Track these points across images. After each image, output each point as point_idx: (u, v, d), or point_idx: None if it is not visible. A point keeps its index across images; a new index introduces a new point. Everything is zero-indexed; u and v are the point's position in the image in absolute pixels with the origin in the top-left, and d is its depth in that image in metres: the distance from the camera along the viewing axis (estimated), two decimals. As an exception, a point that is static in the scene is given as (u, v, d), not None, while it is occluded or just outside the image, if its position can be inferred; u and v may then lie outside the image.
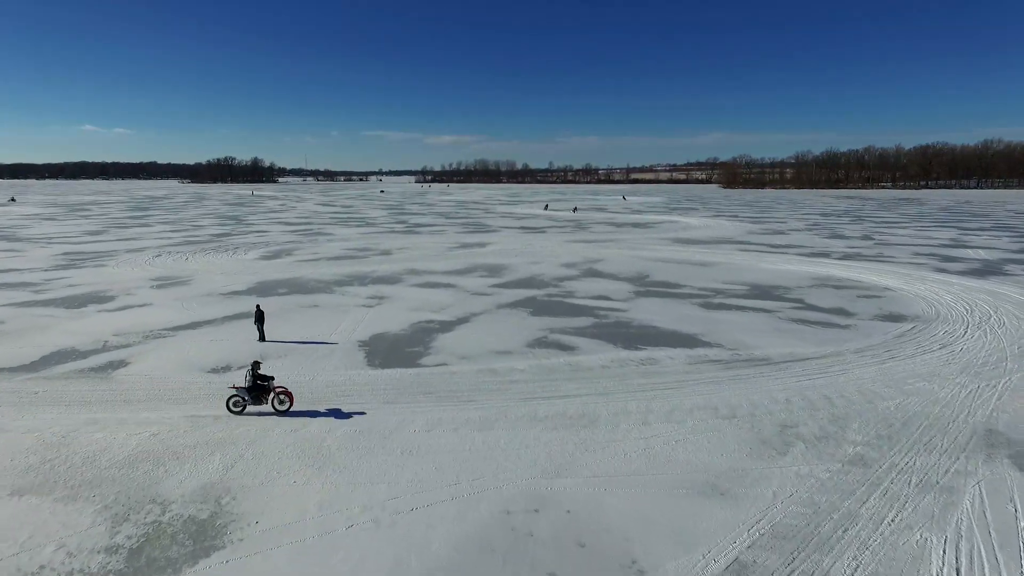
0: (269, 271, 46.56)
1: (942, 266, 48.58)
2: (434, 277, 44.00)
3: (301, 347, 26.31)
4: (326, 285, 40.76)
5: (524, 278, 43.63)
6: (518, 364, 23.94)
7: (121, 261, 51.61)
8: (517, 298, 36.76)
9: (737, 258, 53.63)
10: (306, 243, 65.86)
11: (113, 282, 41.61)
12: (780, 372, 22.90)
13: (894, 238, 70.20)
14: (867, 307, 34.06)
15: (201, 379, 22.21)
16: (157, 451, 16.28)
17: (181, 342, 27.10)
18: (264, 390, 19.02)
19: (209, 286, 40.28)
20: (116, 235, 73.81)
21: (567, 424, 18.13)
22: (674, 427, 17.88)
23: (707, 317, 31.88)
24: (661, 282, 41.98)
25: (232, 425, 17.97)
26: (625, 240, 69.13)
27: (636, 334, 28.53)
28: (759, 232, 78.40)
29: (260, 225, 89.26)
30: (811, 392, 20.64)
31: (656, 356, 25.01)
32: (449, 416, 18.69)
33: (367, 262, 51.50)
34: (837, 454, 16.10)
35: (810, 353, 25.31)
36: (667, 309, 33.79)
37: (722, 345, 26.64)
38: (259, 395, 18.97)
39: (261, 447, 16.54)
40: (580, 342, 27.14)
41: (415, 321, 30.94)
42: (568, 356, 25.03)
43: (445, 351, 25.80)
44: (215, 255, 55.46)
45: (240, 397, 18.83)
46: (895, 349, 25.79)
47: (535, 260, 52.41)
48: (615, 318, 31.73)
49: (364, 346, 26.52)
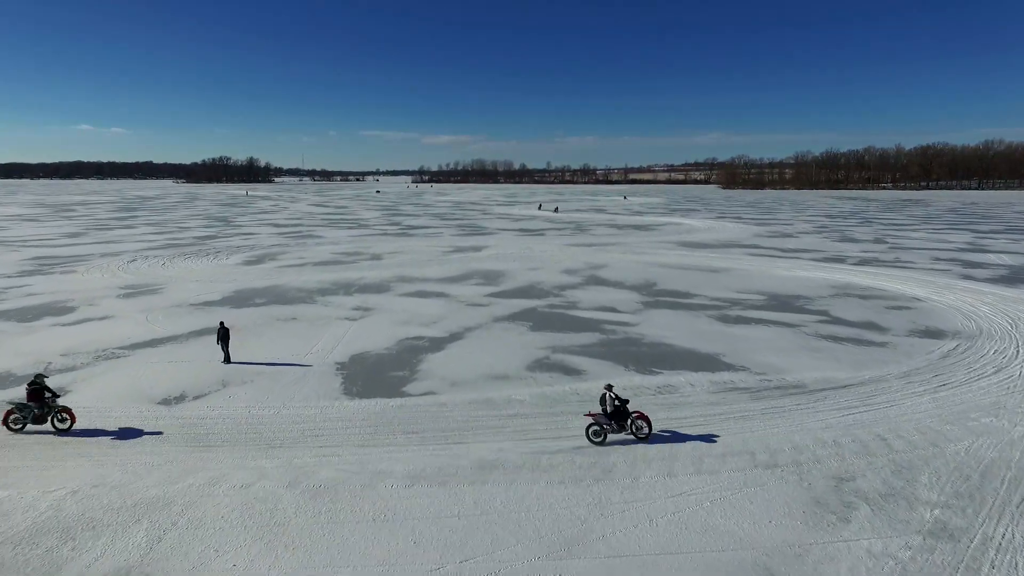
0: (249, 278, 43.38)
1: (967, 272, 45.59)
2: (426, 285, 40.87)
3: (270, 370, 23.17)
4: (308, 294, 37.60)
5: (523, 286, 40.52)
6: (517, 392, 20.84)
7: (93, 266, 48.36)
8: (515, 309, 33.65)
9: (748, 263, 50.58)
10: (293, 246, 62.65)
11: (77, 291, 38.39)
12: (818, 403, 19.83)
13: (908, 241, 67.25)
14: (899, 321, 31.03)
15: (148, 412, 19.05)
16: (70, 517, 13.13)
17: (135, 364, 23.94)
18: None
19: (181, 295, 37.08)
20: (95, 237, 70.51)
21: (577, 475, 15.03)
22: (706, 480, 14.79)
23: (726, 333, 28.82)
24: (670, 291, 38.90)
25: (171, 478, 14.82)
26: (627, 244, 66.06)
27: (649, 354, 25.45)
28: (766, 235, 75.40)
29: (248, 227, 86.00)
30: (860, 431, 17.57)
31: (674, 382, 21.92)
32: (435, 464, 15.57)
33: (355, 268, 48.33)
34: (913, 521, 13.02)
35: (848, 378, 22.24)
36: (680, 323, 30.71)
37: (747, 368, 23.57)
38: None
39: (200, 511, 13.39)
40: (587, 364, 24.05)
41: (402, 338, 27.81)
42: (574, 382, 21.94)
43: (434, 375, 22.69)
44: (194, 260, 52.25)
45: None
46: (944, 373, 22.73)
47: (534, 266, 49.31)
48: (624, 334, 28.65)
49: (342, 369, 23.38)
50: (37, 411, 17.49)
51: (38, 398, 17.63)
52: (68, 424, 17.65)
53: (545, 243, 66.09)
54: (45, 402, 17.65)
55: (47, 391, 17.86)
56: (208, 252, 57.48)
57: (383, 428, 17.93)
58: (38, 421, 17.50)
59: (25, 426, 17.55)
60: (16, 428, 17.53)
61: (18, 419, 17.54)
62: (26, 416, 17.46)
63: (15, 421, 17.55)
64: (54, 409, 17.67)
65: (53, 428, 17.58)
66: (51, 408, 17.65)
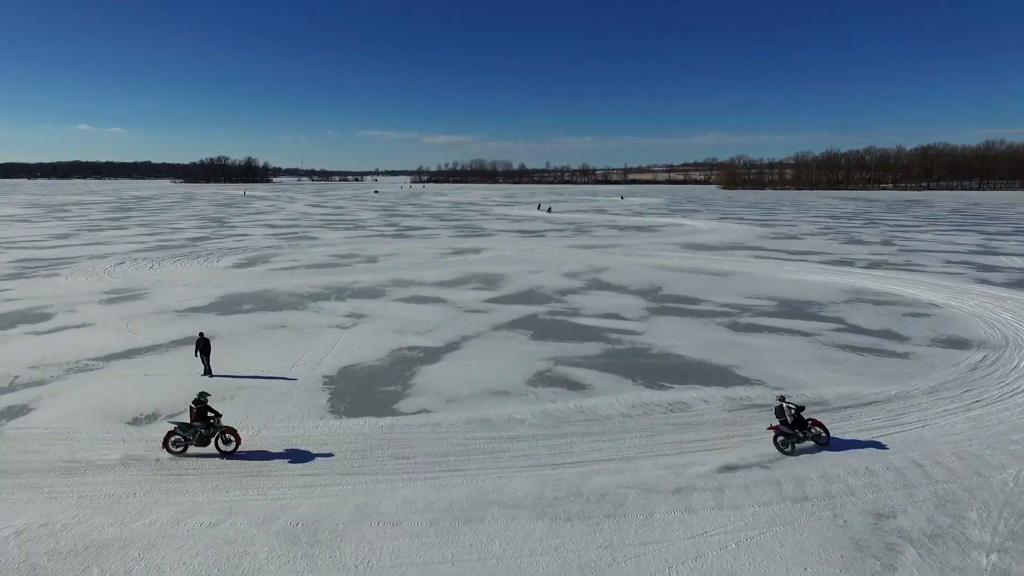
0: (239, 282, 41.79)
1: (983, 276, 44.08)
2: (422, 289, 39.31)
3: (253, 385, 21.60)
4: (299, 300, 36.02)
5: (523, 291, 38.97)
6: (518, 410, 19.28)
7: (78, 269, 46.76)
8: (515, 316, 32.10)
9: (755, 267, 49.05)
10: (287, 248, 61.06)
11: (58, 295, 36.81)
12: (844, 423, 18.29)
13: (916, 243, 65.77)
14: (919, 329, 29.51)
15: (115, 433, 17.49)
16: (10, 565, 11.57)
17: (108, 377, 22.36)
18: None
19: (165, 301, 35.50)
20: (85, 239, 68.89)
21: (584, 511, 13.49)
22: (729, 517, 13.25)
23: (737, 342, 27.28)
24: (677, 296, 37.35)
25: (132, 514, 13.26)
26: (629, 245, 64.51)
27: (657, 366, 23.91)
28: (771, 236, 73.88)
29: (242, 228, 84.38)
30: (894, 456, 16.03)
31: (686, 398, 20.37)
32: (426, 497, 14.02)
33: (349, 271, 46.76)
34: (968, 569, 11.49)
35: (873, 394, 20.71)
36: (689, 331, 29.17)
37: (763, 382, 22.02)
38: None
39: (160, 555, 11.84)
40: (592, 377, 22.50)
41: (395, 348, 26.26)
42: (579, 398, 20.39)
43: (428, 391, 21.13)
44: (184, 262, 50.64)
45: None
46: (975, 388, 21.19)
47: (534, 269, 47.75)
48: (630, 343, 27.11)
49: (329, 384, 21.81)
50: (204, 432, 16.15)
51: (204, 417, 16.28)
52: (233, 446, 16.25)
53: (545, 245, 64.55)
54: (210, 422, 16.29)
55: (209, 411, 16.52)
56: (199, 254, 55.88)
57: (371, 452, 16.37)
58: (202, 443, 16.17)
59: (187, 448, 16.16)
60: (177, 451, 16.11)
61: (179, 441, 16.17)
62: (189, 438, 16.12)
63: (176, 443, 16.16)
64: (219, 430, 16.29)
65: (217, 450, 16.17)
66: (216, 429, 16.28)
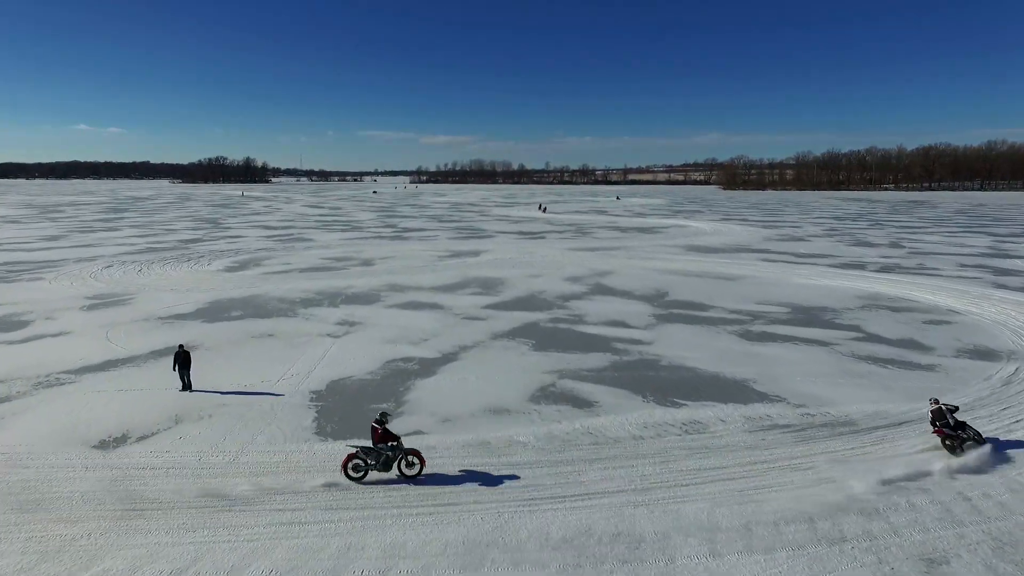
0: (228, 287, 40.23)
1: (999, 280, 42.56)
2: (419, 295, 37.76)
3: (235, 401, 20.04)
4: (290, 306, 34.45)
5: (523, 296, 37.41)
6: (520, 432, 17.73)
7: (63, 273, 45.19)
8: (516, 324, 30.55)
9: (763, 270, 47.51)
10: (280, 251, 59.49)
11: (38, 301, 35.24)
12: (877, 447, 16.76)
13: (926, 246, 64.26)
14: (942, 337, 27.98)
15: (78, 459, 15.92)
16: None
17: (80, 393, 20.80)
18: None
19: (150, 307, 33.93)
20: (74, 241, 67.32)
21: (597, 553, 11.94)
22: (760, 562, 11.70)
23: (752, 353, 25.74)
24: (684, 302, 35.81)
25: (82, 562, 11.69)
26: (632, 248, 62.97)
27: (668, 380, 22.36)
28: (776, 238, 72.37)
29: (237, 229, 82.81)
30: (935, 487, 14.47)
31: (702, 417, 18.83)
32: (417, 539, 12.46)
33: (344, 275, 45.19)
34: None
35: (903, 413, 19.17)
36: (699, 341, 27.64)
37: (783, 398, 20.48)
38: None
39: (109, 614, 10.29)
40: (599, 393, 20.95)
41: (388, 359, 24.70)
42: (586, 417, 18.84)
43: (422, 408, 19.58)
44: (174, 266, 49.06)
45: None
46: (1013, 405, 19.66)
47: (535, 272, 46.20)
48: (638, 354, 25.57)
49: (317, 400, 20.26)
50: (390, 454, 15.01)
51: (388, 439, 15.18)
52: (417, 469, 15.11)
53: (546, 247, 63.00)
54: (393, 444, 15.15)
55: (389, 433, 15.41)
56: (190, 257, 54.30)
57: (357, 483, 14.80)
58: (385, 467, 14.98)
59: (367, 473, 14.93)
60: (356, 476, 14.85)
61: (359, 466, 14.93)
62: (372, 462, 14.93)
63: (355, 468, 14.91)
64: (403, 452, 15.11)
65: (400, 474, 15.05)
66: (399, 451, 15.10)
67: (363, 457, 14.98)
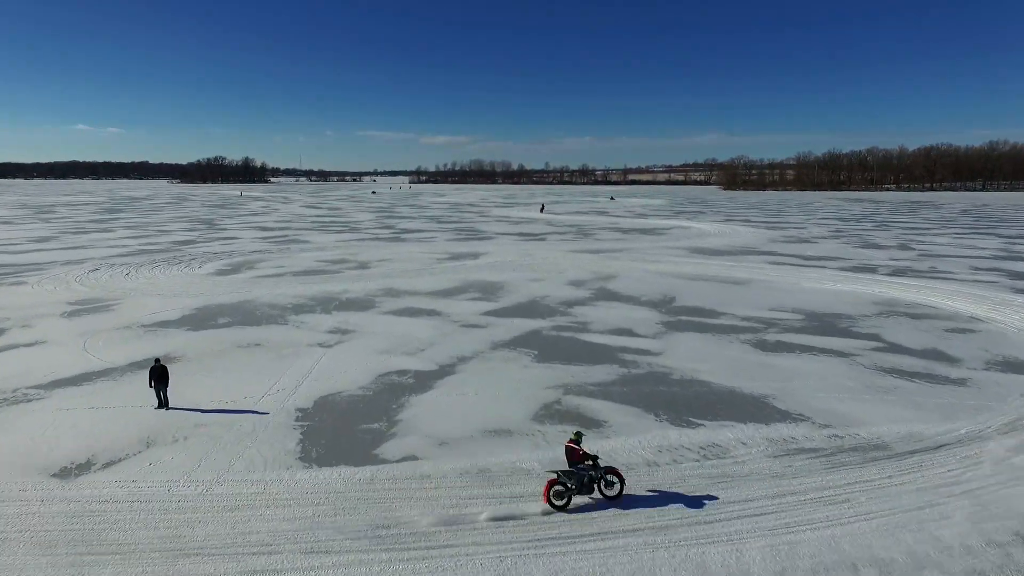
0: (218, 291, 38.67)
1: (1017, 285, 41.08)
2: (415, 300, 36.22)
3: (214, 421, 18.50)
4: (280, 313, 32.91)
5: (524, 302, 35.88)
6: (523, 457, 16.20)
7: (48, 276, 43.63)
8: (517, 332, 29.02)
9: (772, 274, 45.99)
10: (275, 253, 57.92)
11: (18, 307, 33.69)
12: (916, 475, 15.23)
13: (935, 248, 62.76)
14: (967, 347, 26.48)
15: (33, 491, 14.36)
16: None
17: (47, 411, 19.25)
18: None
19: (134, 314, 32.38)
20: (64, 242, 65.75)
21: (612, 611, 10.41)
22: (801, 622, 10.17)
23: (768, 364, 24.23)
24: (693, 308, 34.28)
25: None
26: (636, 250, 61.43)
27: (681, 395, 20.84)
28: (782, 240, 70.87)
29: (232, 230, 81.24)
30: (991, 525, 12.95)
31: (721, 440, 17.30)
32: (408, 591, 10.93)
33: (338, 279, 43.64)
34: None
35: (938, 434, 17.66)
36: (712, 351, 26.12)
37: (807, 417, 18.96)
38: None
39: None
40: (607, 411, 19.42)
41: (382, 372, 23.16)
42: (595, 439, 17.28)
43: (417, 429, 18.04)
44: (163, 269, 47.49)
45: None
46: (1058, 426, 18.13)
47: (536, 276, 44.67)
48: (647, 366, 24.05)
49: (303, 420, 18.72)
50: (592, 474, 13.79)
51: (585, 459, 13.99)
52: (618, 489, 13.97)
53: (547, 249, 61.46)
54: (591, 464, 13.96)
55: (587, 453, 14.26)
56: (181, 259, 52.73)
57: (343, 519, 13.27)
58: (586, 489, 13.78)
59: (570, 500, 13.66)
60: (561, 504, 13.56)
61: (561, 492, 13.64)
62: (572, 485, 13.66)
63: (558, 495, 13.61)
64: (601, 471, 13.94)
65: (602, 496, 13.93)
66: (599, 470, 13.93)
67: (564, 481, 13.67)
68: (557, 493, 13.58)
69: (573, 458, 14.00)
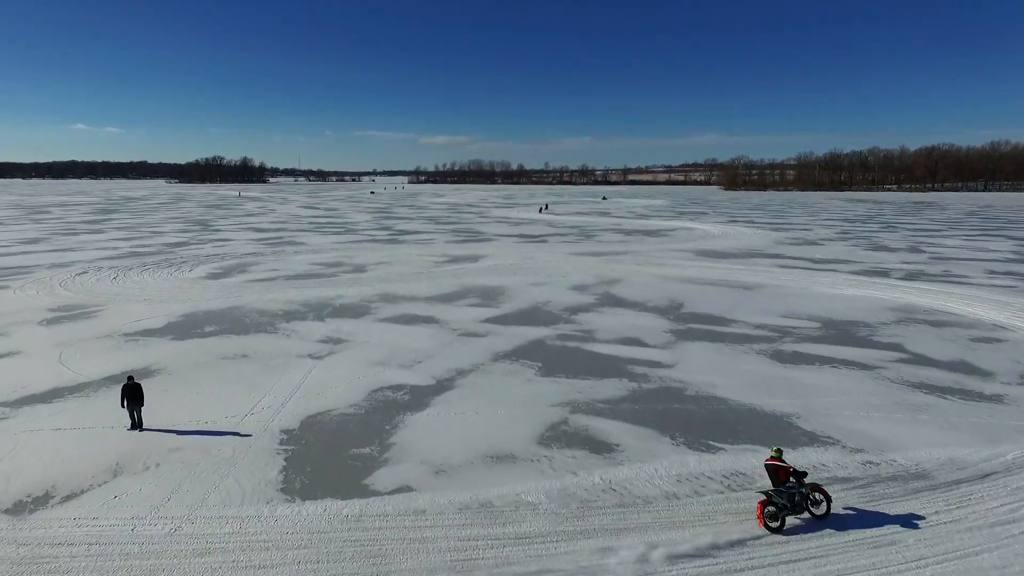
0: (207, 297, 37.13)
1: (1037, 290, 39.58)
2: (413, 306, 34.69)
3: (191, 444, 16.97)
4: (270, 320, 31.36)
5: (526, 308, 34.36)
6: (528, 488, 14.67)
7: (32, 280, 42.07)
8: (519, 342, 27.51)
9: (782, 278, 44.47)
10: (269, 256, 56.35)
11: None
12: (963, 510, 13.70)
13: (946, 250, 61.27)
14: (997, 359, 24.98)
15: (-19, 532, 12.83)
16: None
17: (8, 432, 17.70)
18: None
19: (117, 321, 30.84)
20: (53, 244, 64.16)
21: None
22: None
23: (787, 378, 22.71)
24: (702, 315, 32.76)
25: None
26: (640, 252, 59.91)
27: (698, 414, 19.33)
28: (788, 242, 69.37)
29: (227, 232, 79.66)
30: (1059, 573, 11.44)
31: (744, 467, 15.78)
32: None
33: (333, 283, 42.10)
34: None
35: (981, 460, 16.15)
36: (725, 362, 24.61)
37: (836, 440, 17.44)
38: None
39: None
40: (619, 433, 17.90)
41: (375, 387, 21.63)
42: (606, 466, 15.80)
43: (412, 455, 16.51)
44: (152, 273, 45.93)
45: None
46: (1111, 451, 16.62)
47: (538, 280, 43.14)
48: (658, 380, 22.53)
49: (288, 443, 17.18)
50: (804, 491, 13.03)
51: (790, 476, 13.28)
52: (825, 508, 13.23)
53: (548, 251, 59.92)
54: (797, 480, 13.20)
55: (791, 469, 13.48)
56: (172, 263, 51.15)
57: (324, 567, 11.74)
58: (797, 509, 13.00)
59: (784, 522, 12.89)
60: (776, 526, 12.82)
61: (775, 513, 12.88)
62: (786, 504, 12.89)
63: (772, 516, 12.89)
64: (808, 489, 13.19)
65: (810, 515, 13.18)
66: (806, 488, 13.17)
67: (776, 500, 12.84)
68: (771, 514, 12.80)
69: (780, 476, 13.18)
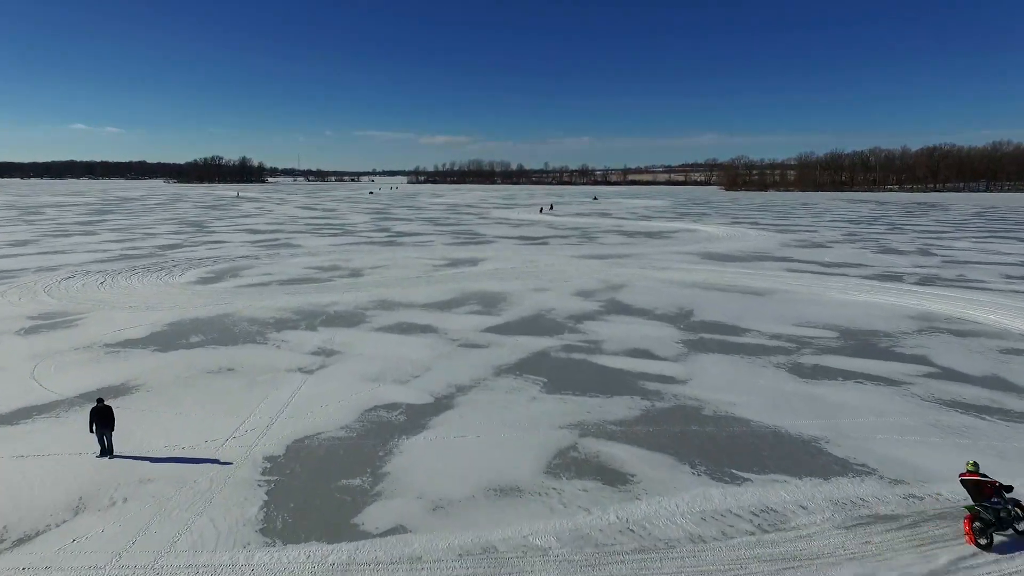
0: (195, 303, 35.59)
1: (1059, 296, 38.10)
2: (410, 314, 33.18)
3: (164, 473, 15.44)
4: (260, 329, 29.85)
5: (529, 316, 32.85)
6: (537, 528, 13.15)
7: (15, 286, 40.53)
8: (522, 353, 26.00)
9: (792, 283, 42.98)
10: (263, 259, 54.80)
11: (-29, 323, 30.59)
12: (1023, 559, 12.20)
13: (957, 253, 59.82)
14: (1030, 373, 23.48)
15: (-83, 585, 11.32)
16: None
17: (-33, 461, 16.18)
18: None
19: (99, 330, 29.31)
20: (43, 246, 62.59)
21: None
22: None
23: (810, 396, 21.21)
24: (713, 323, 31.26)
25: None
26: (644, 255, 58.40)
27: (718, 438, 17.82)
28: (795, 244, 67.89)
29: (221, 233, 78.10)
30: None
31: (775, 502, 14.26)
32: None
33: (328, 288, 40.58)
34: None
35: (1035, 492, 14.62)
36: (742, 377, 23.11)
37: (871, 469, 15.93)
38: None
39: None
40: (633, 460, 16.39)
41: (369, 407, 20.11)
42: (622, 501, 14.28)
43: (406, 487, 14.98)
44: (141, 277, 44.39)
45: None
46: None
47: (540, 285, 41.65)
48: (672, 398, 21.02)
49: (271, 472, 15.65)
50: (1009, 508, 12.36)
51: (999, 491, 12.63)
52: None
53: (550, 254, 58.40)
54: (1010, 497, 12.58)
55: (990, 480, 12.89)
56: (163, 266, 49.61)
57: (307, 630, 10.23)
58: (1004, 525, 12.32)
59: (992, 540, 12.28)
60: (984, 543, 12.21)
61: (983, 529, 12.29)
62: (992, 520, 12.26)
63: (980, 532, 12.28)
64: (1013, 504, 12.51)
65: (1015, 532, 12.50)
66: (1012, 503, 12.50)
67: (985, 517, 12.20)
68: (980, 530, 12.21)
69: (984, 491, 12.52)
